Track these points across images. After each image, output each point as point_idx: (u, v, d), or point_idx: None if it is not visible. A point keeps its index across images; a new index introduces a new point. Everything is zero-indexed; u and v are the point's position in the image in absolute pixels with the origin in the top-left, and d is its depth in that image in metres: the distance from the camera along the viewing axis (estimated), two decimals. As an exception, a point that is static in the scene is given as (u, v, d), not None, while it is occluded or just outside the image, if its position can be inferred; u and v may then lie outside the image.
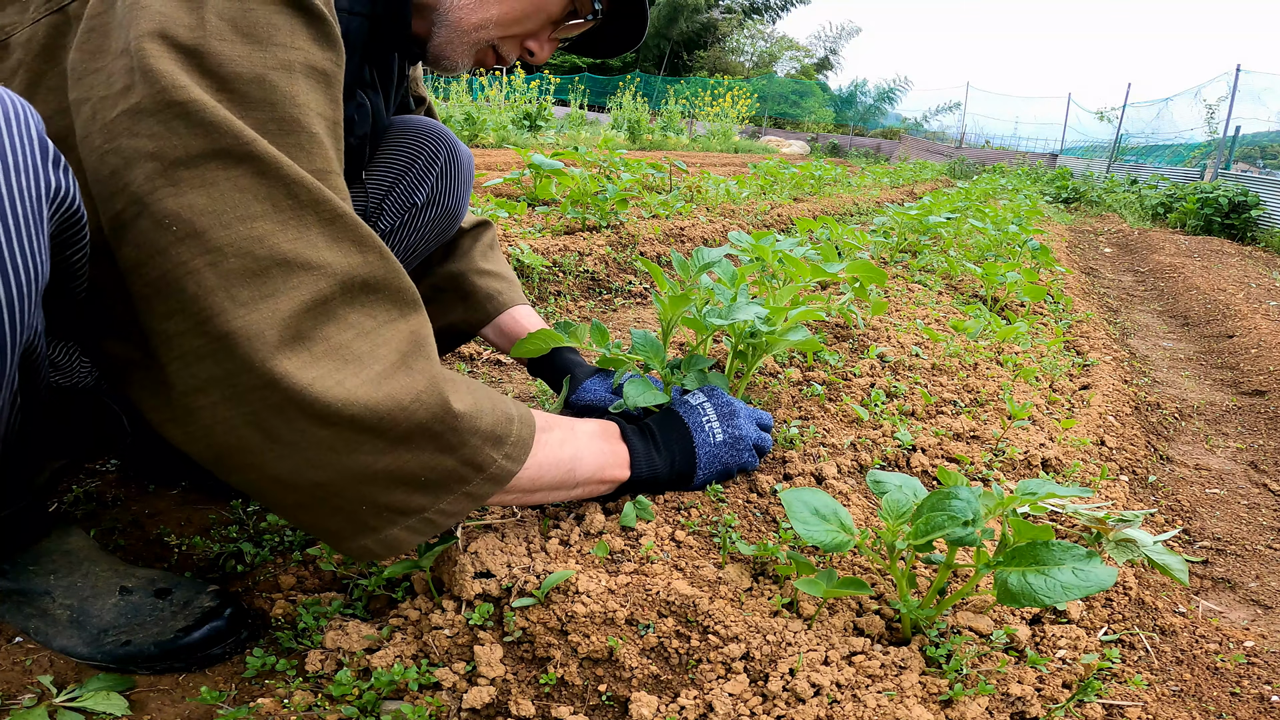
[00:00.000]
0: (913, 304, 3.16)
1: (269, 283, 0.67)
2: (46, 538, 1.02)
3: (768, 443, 1.33)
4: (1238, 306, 4.61)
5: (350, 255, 0.71)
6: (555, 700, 0.93)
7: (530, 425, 0.90)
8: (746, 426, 1.26)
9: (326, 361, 0.69)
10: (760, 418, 1.34)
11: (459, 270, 1.45)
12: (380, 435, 0.72)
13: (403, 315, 0.76)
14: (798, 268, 1.97)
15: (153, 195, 0.66)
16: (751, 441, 1.27)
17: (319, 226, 0.69)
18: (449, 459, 0.78)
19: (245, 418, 0.69)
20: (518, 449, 0.85)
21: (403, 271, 0.77)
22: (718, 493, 1.24)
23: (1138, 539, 1.29)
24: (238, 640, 1.00)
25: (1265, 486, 2.21)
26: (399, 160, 1.30)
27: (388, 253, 0.75)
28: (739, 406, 1.28)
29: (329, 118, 0.76)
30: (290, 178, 0.68)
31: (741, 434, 1.25)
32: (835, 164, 11.09)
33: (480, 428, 0.79)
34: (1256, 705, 1.06)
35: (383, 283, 0.74)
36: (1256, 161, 16.59)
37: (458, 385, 0.80)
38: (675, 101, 21.54)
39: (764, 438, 1.31)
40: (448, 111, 10.23)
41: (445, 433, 0.76)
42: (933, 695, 0.95)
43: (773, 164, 7.48)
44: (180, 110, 0.66)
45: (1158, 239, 8.46)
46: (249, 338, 0.66)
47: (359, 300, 0.72)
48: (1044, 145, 25.09)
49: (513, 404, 0.89)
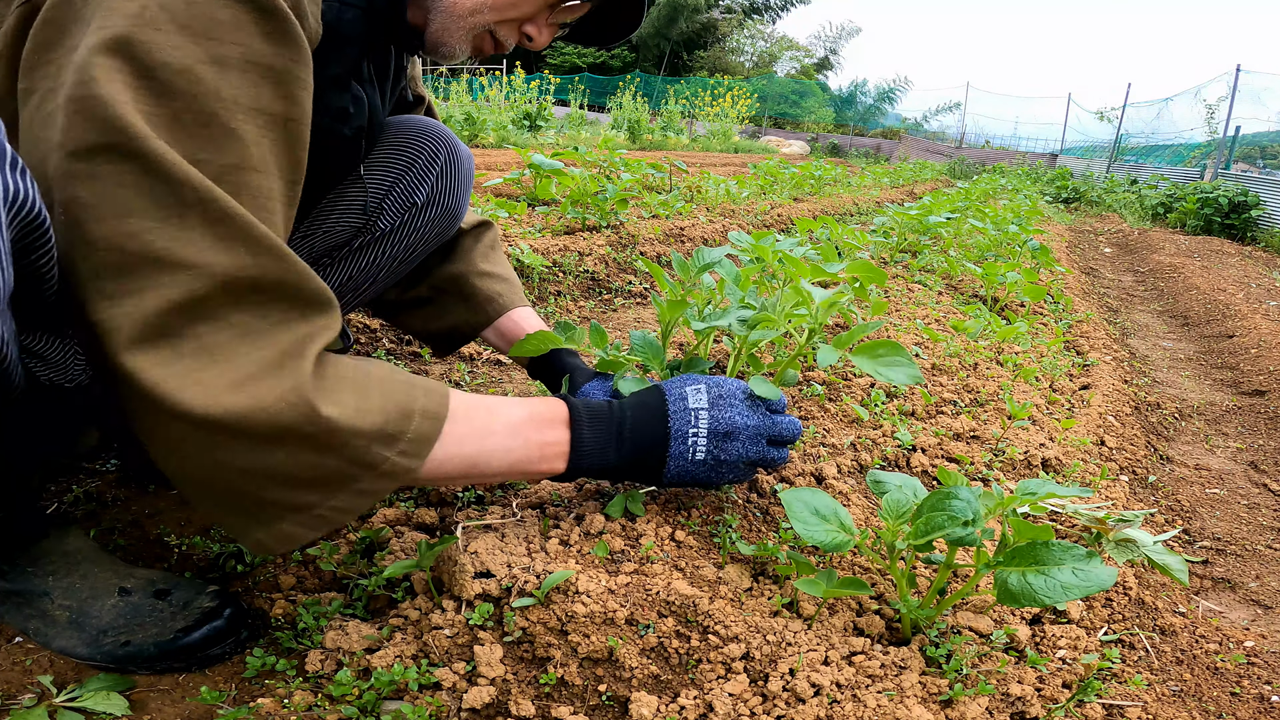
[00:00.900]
0: (913, 304, 3.16)
1: (136, 279, 0.67)
2: (45, 539, 1.02)
3: (777, 460, 1.12)
4: (1238, 306, 4.61)
5: (237, 255, 0.70)
6: (555, 700, 0.93)
7: (435, 419, 0.84)
8: (745, 448, 1.08)
9: (191, 360, 0.69)
10: (780, 430, 1.11)
11: (460, 271, 1.45)
12: (244, 436, 0.71)
13: (303, 317, 0.75)
14: (798, 267, 1.97)
15: (56, 186, 0.68)
16: (747, 461, 1.09)
17: (204, 226, 0.69)
18: (332, 459, 0.76)
19: (122, 412, 0.71)
20: (415, 445, 0.81)
21: (307, 273, 0.76)
22: (718, 492, 1.24)
23: (1138, 539, 1.29)
24: (237, 640, 1.00)
25: (1265, 486, 2.21)
26: (400, 160, 1.30)
27: (286, 254, 0.74)
28: (742, 425, 1.07)
29: (273, 113, 0.75)
30: (177, 176, 0.68)
31: (729, 459, 1.07)
32: (835, 164, 11.09)
33: (364, 428, 0.76)
34: (1256, 705, 1.06)
35: (276, 283, 0.73)
36: (1256, 161, 16.59)
37: (339, 385, 0.77)
38: (675, 101, 21.54)
39: (771, 455, 1.11)
40: (448, 111, 10.24)
41: (318, 434, 0.73)
42: (933, 695, 0.95)
43: (773, 164, 7.48)
44: (83, 103, 0.67)
45: (1158, 239, 8.46)
46: (107, 331, 0.68)
47: (246, 300, 0.72)
48: (1044, 145, 25.09)
49: (422, 394, 0.84)
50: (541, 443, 0.98)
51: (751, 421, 1.08)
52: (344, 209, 1.29)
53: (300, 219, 1.27)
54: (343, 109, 1.09)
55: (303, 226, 1.27)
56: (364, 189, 1.28)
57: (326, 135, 1.05)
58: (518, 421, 0.96)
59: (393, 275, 1.38)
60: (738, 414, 1.08)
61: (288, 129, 0.77)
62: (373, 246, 1.32)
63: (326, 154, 1.08)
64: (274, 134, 0.75)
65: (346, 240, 1.30)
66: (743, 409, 1.08)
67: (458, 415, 0.87)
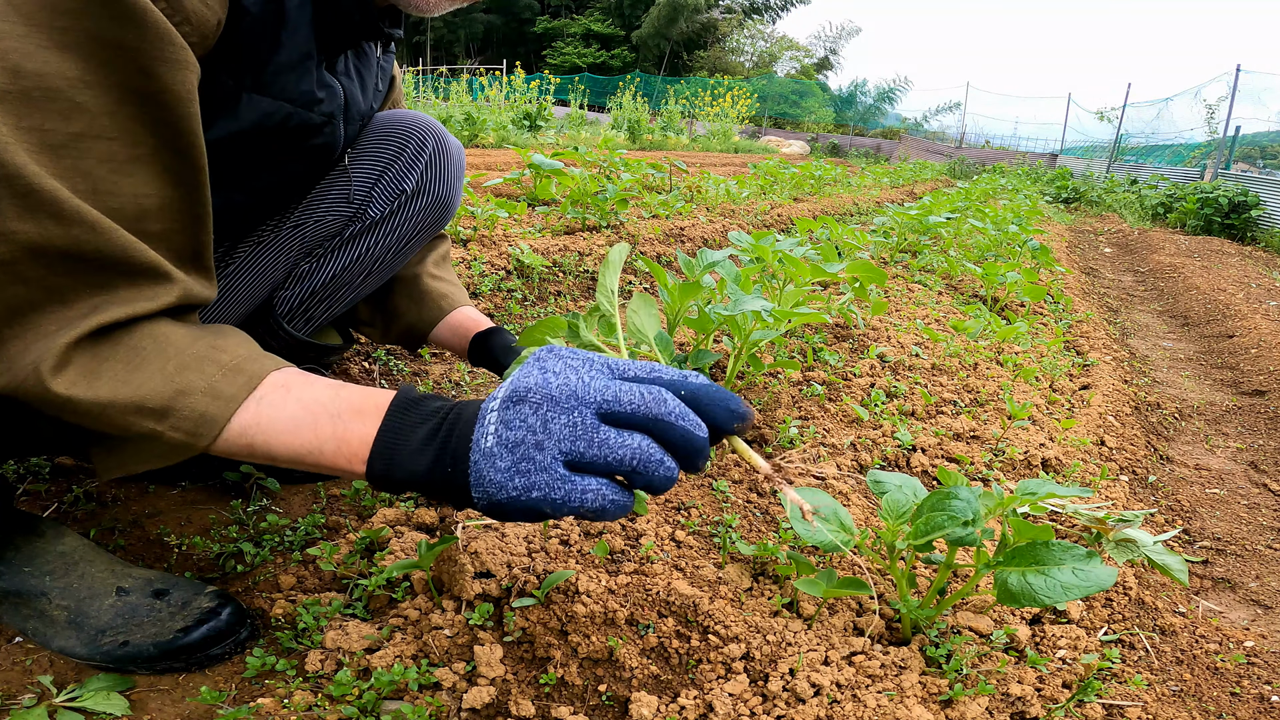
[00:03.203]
0: (913, 304, 3.16)
1: None
2: (41, 538, 1.02)
3: (658, 472, 0.69)
4: (1238, 306, 4.61)
5: (46, 227, 0.72)
6: (555, 700, 0.93)
7: (220, 397, 0.76)
8: (568, 434, 0.68)
9: None
10: (647, 405, 0.70)
11: (411, 274, 1.49)
12: (10, 397, 0.75)
13: (104, 288, 0.76)
14: (798, 268, 1.97)
15: None
16: (572, 459, 0.69)
17: (10, 198, 0.70)
18: (94, 424, 0.77)
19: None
20: (191, 423, 0.76)
21: (131, 244, 0.76)
22: (718, 492, 1.24)
23: (1138, 539, 1.29)
24: (237, 640, 1.00)
25: (1265, 486, 2.21)
26: (388, 149, 1.33)
27: (104, 225, 0.75)
28: (569, 392, 0.69)
29: (130, 86, 0.77)
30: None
31: (538, 456, 0.68)
32: (835, 164, 11.09)
33: (117, 401, 0.75)
34: (1256, 705, 1.06)
35: (94, 254, 0.74)
36: (1256, 161, 16.60)
37: (105, 360, 0.75)
38: (675, 101, 21.54)
39: (649, 458, 0.69)
40: (448, 111, 10.24)
41: (60, 407, 0.75)
42: (933, 695, 0.95)
43: (773, 164, 7.48)
44: None
45: (1158, 239, 8.46)
46: None
47: (53, 270, 0.73)
48: (1044, 145, 25.09)
49: (217, 371, 0.78)
50: (337, 435, 0.77)
51: (594, 383, 0.70)
52: (334, 199, 1.30)
53: (288, 208, 1.28)
54: (307, 93, 1.09)
55: (294, 216, 1.28)
56: (348, 176, 1.30)
57: (290, 119, 1.06)
58: (316, 404, 0.77)
59: (388, 268, 1.39)
60: (578, 384, 0.69)
61: (157, 100, 0.79)
62: (365, 236, 1.33)
63: (296, 138, 1.10)
64: (136, 105, 0.77)
65: (338, 230, 1.31)
66: (584, 369, 0.72)
67: (263, 395, 0.77)
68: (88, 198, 0.75)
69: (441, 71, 21.75)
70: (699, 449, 0.70)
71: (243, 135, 1.01)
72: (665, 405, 0.69)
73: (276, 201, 1.27)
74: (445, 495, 0.75)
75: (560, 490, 0.68)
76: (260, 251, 1.27)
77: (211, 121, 0.96)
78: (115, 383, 0.75)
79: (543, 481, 0.68)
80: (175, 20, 0.82)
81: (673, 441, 0.70)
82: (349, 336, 1.54)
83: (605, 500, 0.69)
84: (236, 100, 0.98)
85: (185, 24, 0.82)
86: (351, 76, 1.21)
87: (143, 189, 0.80)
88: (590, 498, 0.68)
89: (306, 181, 1.28)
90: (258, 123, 1.01)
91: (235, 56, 0.94)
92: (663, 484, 0.70)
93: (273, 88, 1.02)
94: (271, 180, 1.19)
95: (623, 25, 40.54)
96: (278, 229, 1.28)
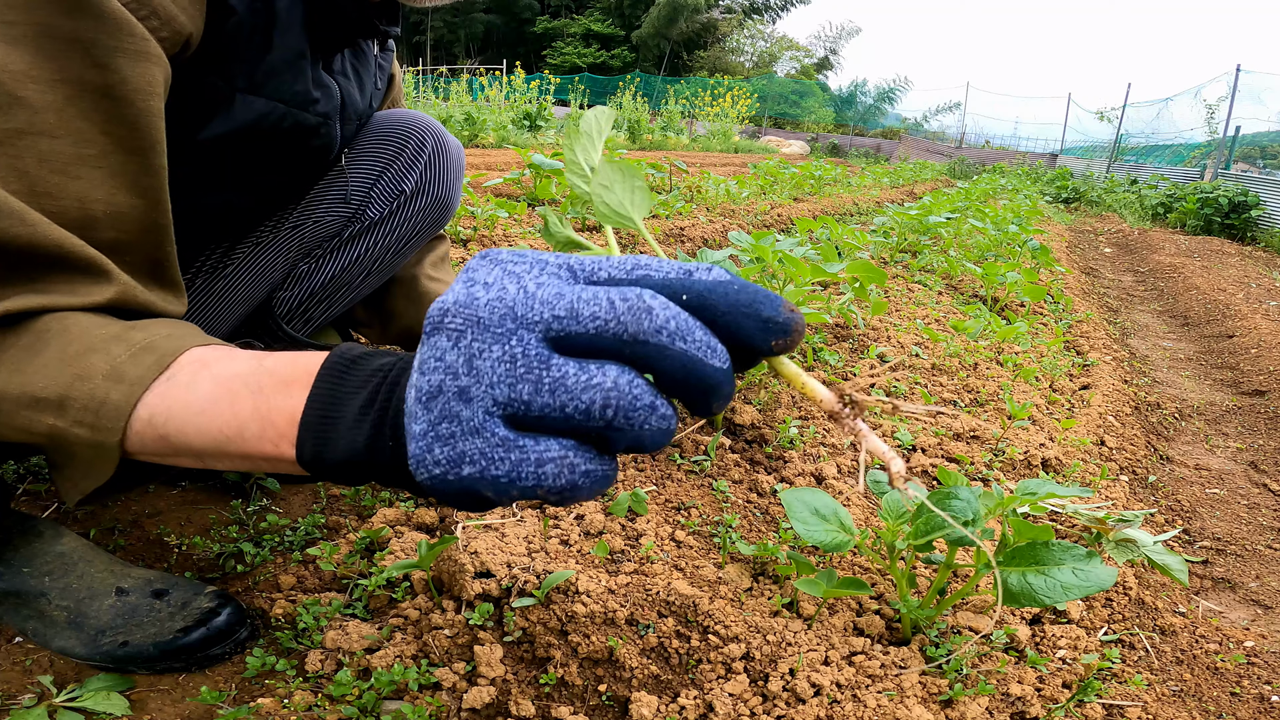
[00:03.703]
0: (913, 304, 3.16)
1: None
2: (39, 539, 1.02)
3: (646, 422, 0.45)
4: (1238, 306, 4.61)
5: None
6: (555, 700, 0.93)
7: (123, 381, 0.65)
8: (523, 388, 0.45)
9: None
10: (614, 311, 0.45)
11: (410, 275, 1.49)
12: None
13: (26, 280, 0.70)
14: (798, 268, 1.97)
15: None
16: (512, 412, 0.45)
17: None
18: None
19: None
20: (91, 414, 0.65)
21: (64, 238, 0.70)
22: (717, 492, 1.24)
23: (1138, 539, 1.29)
24: (237, 640, 1.00)
25: (1265, 486, 2.21)
26: (386, 149, 1.33)
27: (33, 218, 0.70)
28: (523, 315, 0.46)
29: (82, 81, 0.74)
30: None
31: (470, 420, 0.46)
32: (835, 164, 11.09)
33: (13, 392, 0.66)
34: (1256, 705, 1.06)
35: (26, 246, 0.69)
36: (1256, 161, 16.60)
37: (5, 349, 0.68)
38: (675, 101, 21.54)
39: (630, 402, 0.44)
40: (448, 111, 10.23)
41: None
42: (933, 695, 0.95)
43: (773, 164, 7.48)
44: None
45: (1158, 239, 8.46)
46: None
47: None
48: (1044, 145, 25.09)
49: (125, 354, 0.66)
50: (260, 413, 0.58)
51: (542, 293, 0.47)
52: (333, 199, 1.30)
53: (287, 208, 1.28)
54: (302, 93, 1.09)
55: (292, 216, 1.28)
56: (344, 175, 1.30)
57: (285, 120, 1.06)
58: (236, 378, 0.60)
59: (387, 268, 1.39)
60: (505, 283, 0.48)
61: (112, 96, 0.75)
62: (364, 236, 1.33)
63: (292, 139, 1.09)
64: (86, 100, 0.74)
65: (338, 230, 1.32)
66: (530, 273, 0.49)
67: (174, 374, 0.64)
68: (24, 199, 0.69)
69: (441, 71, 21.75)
70: (712, 383, 0.45)
71: (237, 136, 1.00)
72: (651, 316, 0.44)
73: (274, 202, 1.27)
74: (396, 478, 0.53)
75: (503, 462, 0.44)
76: (259, 252, 1.27)
77: (204, 123, 0.95)
78: (8, 371, 0.65)
79: (475, 450, 0.44)
80: (141, 14, 0.80)
81: (667, 373, 0.45)
82: (349, 337, 1.54)
83: (573, 473, 0.45)
84: (229, 102, 0.97)
85: (153, 17, 0.79)
86: (348, 76, 1.20)
87: (90, 193, 0.74)
88: (550, 471, 0.44)
89: (304, 182, 1.28)
90: (252, 124, 1.01)
91: (225, 57, 0.93)
92: (655, 439, 0.45)
93: (266, 88, 1.01)
94: (268, 181, 1.19)
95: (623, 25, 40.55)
96: (276, 230, 1.28)
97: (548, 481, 0.45)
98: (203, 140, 0.96)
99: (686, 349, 0.44)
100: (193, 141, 0.96)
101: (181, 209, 1.08)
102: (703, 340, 0.45)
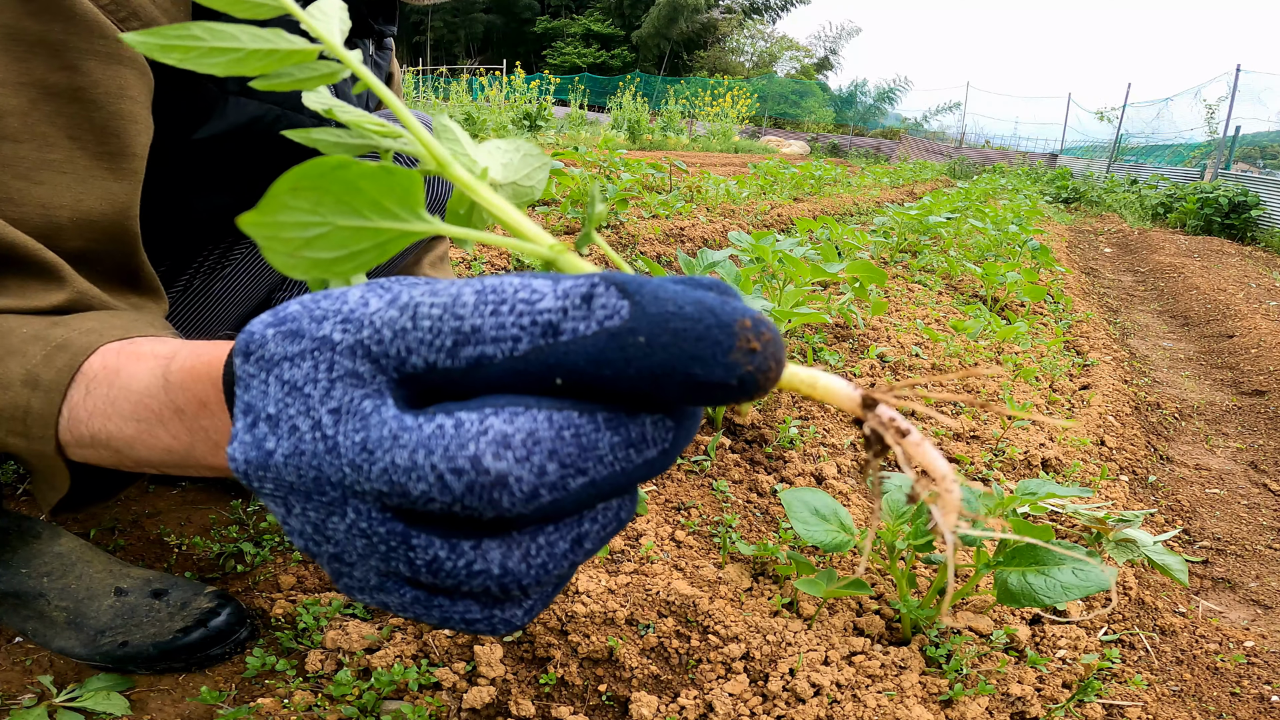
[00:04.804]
0: (913, 304, 3.16)
1: None
2: (37, 539, 1.02)
3: (557, 582, 0.36)
4: (1238, 306, 4.61)
5: None
6: (555, 700, 0.93)
7: (40, 388, 0.61)
8: (399, 566, 0.34)
9: None
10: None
11: (408, 274, 1.48)
12: None
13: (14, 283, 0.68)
14: (798, 268, 1.97)
15: None
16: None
17: None
18: None
19: None
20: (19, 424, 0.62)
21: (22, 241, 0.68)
22: (718, 492, 1.24)
23: (1138, 539, 1.29)
24: (237, 640, 1.00)
25: (1265, 486, 2.21)
26: None
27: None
28: (344, 483, 0.32)
29: (48, 84, 0.72)
30: None
31: (359, 579, 0.36)
32: (835, 164, 11.09)
33: None
34: (1256, 705, 1.06)
35: None
36: (1256, 161, 16.60)
37: None
38: (675, 101, 21.55)
39: (532, 579, 0.34)
40: (448, 111, 10.23)
41: None
42: (933, 695, 0.94)
43: (773, 164, 7.48)
44: None
45: (1158, 239, 8.46)
46: None
47: None
48: (1044, 145, 25.10)
49: (40, 356, 0.62)
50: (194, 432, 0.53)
51: (348, 440, 0.32)
52: None
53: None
54: (295, 94, 1.09)
55: None
56: None
57: (279, 122, 1.06)
58: (148, 396, 0.54)
59: (386, 268, 1.39)
60: (297, 421, 0.33)
61: (81, 99, 0.73)
62: None
63: (287, 141, 1.09)
64: (53, 104, 0.72)
65: None
66: (321, 393, 0.33)
67: (91, 385, 0.59)
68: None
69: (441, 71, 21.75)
70: (642, 479, 0.33)
71: (232, 138, 1.00)
72: (508, 492, 0.30)
73: None
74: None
75: (429, 616, 0.37)
76: (257, 253, 1.27)
77: (198, 126, 0.95)
78: None
79: (393, 604, 0.37)
80: (119, 15, 0.78)
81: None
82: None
83: (510, 625, 0.37)
84: (222, 104, 0.96)
85: (132, 19, 0.78)
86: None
87: (55, 199, 0.72)
88: (482, 627, 0.36)
89: None
90: (246, 126, 1.00)
91: None
92: (565, 573, 0.35)
93: (258, 90, 1.01)
94: (265, 182, 1.18)
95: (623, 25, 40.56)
96: None
97: (486, 632, 0.36)
98: (197, 142, 0.96)
99: (591, 479, 0.31)
100: (188, 144, 0.96)
101: (178, 210, 1.08)
102: (614, 456, 0.31)
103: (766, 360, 0.29)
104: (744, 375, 0.28)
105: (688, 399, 0.29)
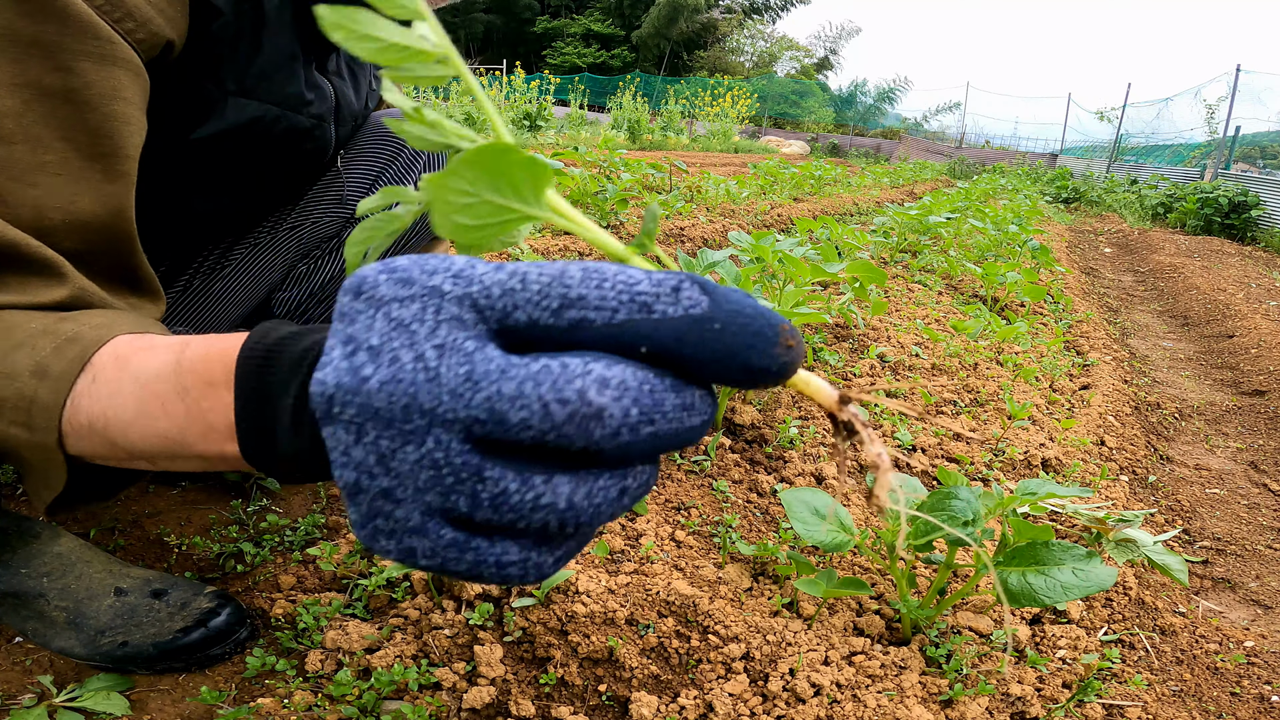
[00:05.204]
0: (913, 304, 3.16)
1: None
2: (37, 539, 1.02)
3: (607, 514, 0.38)
4: (1238, 306, 4.61)
5: None
6: (555, 700, 0.93)
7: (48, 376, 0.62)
8: (458, 501, 0.37)
9: None
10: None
11: None
12: None
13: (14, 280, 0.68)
14: (798, 267, 1.97)
15: None
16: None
17: None
18: None
19: None
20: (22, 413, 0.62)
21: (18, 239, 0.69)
22: (718, 492, 1.24)
23: (1138, 539, 1.29)
24: (237, 640, 1.00)
25: (1265, 486, 2.21)
26: (385, 150, 1.33)
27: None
28: (433, 410, 0.36)
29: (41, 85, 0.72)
30: None
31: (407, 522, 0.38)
32: (835, 164, 11.10)
33: None
34: (1256, 705, 1.06)
35: None
36: (1256, 161, 16.61)
37: None
38: (675, 101, 21.55)
39: (589, 514, 0.37)
40: (447, 112, 10.24)
41: None
42: (933, 695, 0.95)
43: (773, 164, 7.48)
44: None
45: (1158, 239, 8.46)
46: None
47: None
48: (1044, 145, 25.10)
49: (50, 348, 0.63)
50: (192, 415, 0.55)
51: (450, 372, 0.36)
52: (330, 201, 1.30)
53: (284, 209, 1.28)
54: (295, 95, 1.08)
55: (290, 217, 1.29)
56: (340, 176, 1.30)
57: (279, 123, 1.06)
58: (157, 379, 0.56)
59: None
60: (400, 354, 0.37)
61: (75, 100, 0.74)
62: None
63: (286, 141, 1.08)
64: (46, 105, 0.72)
65: (336, 231, 1.32)
66: (425, 332, 0.37)
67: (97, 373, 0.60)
68: None
69: (441, 71, 21.71)
70: (686, 443, 0.38)
71: (231, 139, 0.99)
72: (602, 423, 0.34)
73: (271, 204, 1.26)
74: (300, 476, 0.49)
75: (459, 561, 0.38)
76: (257, 253, 1.27)
77: (197, 126, 0.95)
78: None
79: (424, 549, 0.38)
80: (114, 16, 0.78)
81: (631, 460, 0.38)
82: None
83: (540, 571, 0.40)
84: (221, 104, 0.96)
85: (127, 19, 0.78)
86: (343, 76, 1.20)
87: (47, 201, 0.72)
88: (514, 572, 0.39)
89: (301, 183, 1.28)
90: (245, 126, 1.00)
91: (215, 60, 0.92)
92: (610, 518, 0.39)
93: (258, 91, 0.99)
94: (264, 183, 1.18)
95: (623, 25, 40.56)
96: (274, 231, 1.28)
97: (514, 578, 0.40)
98: (197, 142, 0.96)
99: (655, 430, 0.36)
100: (186, 145, 0.95)
101: (177, 211, 1.08)
102: (674, 414, 0.36)
103: (796, 356, 0.37)
104: (781, 365, 0.37)
105: (737, 377, 0.36)
